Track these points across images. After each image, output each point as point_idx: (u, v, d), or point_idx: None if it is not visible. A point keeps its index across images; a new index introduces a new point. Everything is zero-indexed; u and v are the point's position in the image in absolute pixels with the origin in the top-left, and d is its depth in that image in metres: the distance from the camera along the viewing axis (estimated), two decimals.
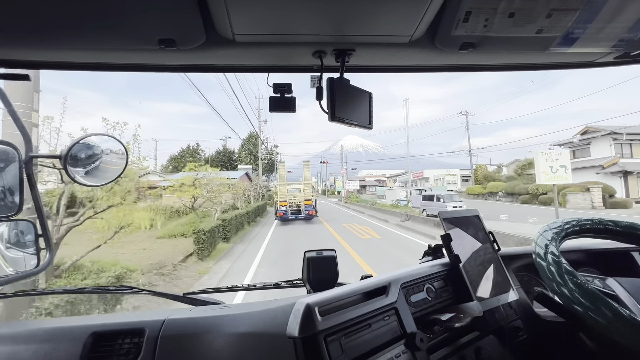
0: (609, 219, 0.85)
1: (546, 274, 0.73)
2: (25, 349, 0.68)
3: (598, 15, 0.61)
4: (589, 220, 0.84)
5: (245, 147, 40.05)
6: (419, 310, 0.76)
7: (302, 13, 0.60)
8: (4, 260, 0.82)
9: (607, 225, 0.83)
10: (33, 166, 0.74)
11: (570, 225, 0.82)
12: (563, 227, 0.81)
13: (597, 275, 0.82)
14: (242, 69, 0.87)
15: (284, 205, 15.16)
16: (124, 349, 0.68)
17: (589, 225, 0.83)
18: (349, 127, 0.82)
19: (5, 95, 0.72)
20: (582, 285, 0.66)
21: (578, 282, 0.67)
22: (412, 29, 0.65)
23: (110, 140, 0.86)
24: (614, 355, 0.73)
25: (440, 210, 0.91)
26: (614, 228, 0.83)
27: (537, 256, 0.77)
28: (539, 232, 0.81)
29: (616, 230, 0.83)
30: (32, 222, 0.85)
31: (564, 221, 0.83)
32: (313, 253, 1.03)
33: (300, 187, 16.13)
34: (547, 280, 0.73)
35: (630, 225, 0.83)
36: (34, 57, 0.75)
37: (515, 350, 0.84)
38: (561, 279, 0.69)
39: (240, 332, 0.67)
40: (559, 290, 0.69)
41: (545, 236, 0.79)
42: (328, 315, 0.61)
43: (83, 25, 0.60)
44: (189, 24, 0.62)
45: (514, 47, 0.73)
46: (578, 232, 0.83)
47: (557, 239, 0.78)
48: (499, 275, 0.86)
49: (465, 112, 34.21)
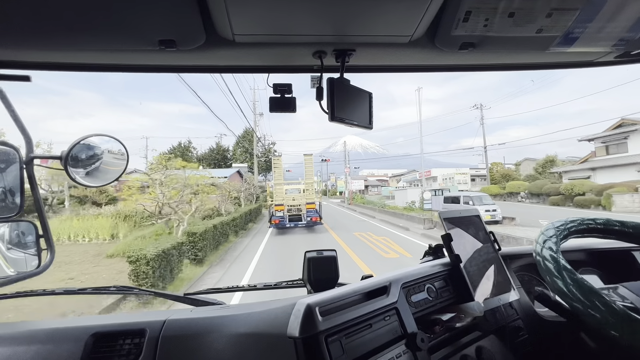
0: (616, 220, 0.85)
1: (544, 270, 0.73)
2: (26, 349, 0.68)
3: (598, 15, 0.61)
4: (592, 220, 0.84)
5: (240, 144, 36.49)
6: (420, 310, 0.76)
7: (302, 13, 0.60)
8: (5, 261, 0.82)
9: (613, 225, 0.83)
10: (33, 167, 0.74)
11: (574, 224, 0.82)
12: (566, 226, 0.81)
13: (609, 286, 0.80)
14: (242, 70, 0.87)
15: (281, 210, 12.28)
16: (125, 350, 0.69)
17: (592, 225, 0.83)
18: (348, 127, 0.82)
19: (6, 95, 0.72)
20: (579, 281, 0.67)
21: (575, 278, 0.67)
22: (412, 29, 0.65)
23: (110, 141, 0.86)
24: (615, 355, 0.73)
25: (440, 210, 0.91)
26: (621, 229, 0.83)
27: (537, 253, 0.77)
28: (541, 231, 0.82)
29: (624, 231, 0.83)
30: (33, 223, 0.85)
31: (567, 220, 0.83)
32: (313, 253, 1.03)
33: (301, 188, 13.47)
34: (545, 277, 0.73)
35: (638, 226, 0.82)
36: (35, 58, 0.75)
37: (517, 350, 0.84)
38: (558, 274, 0.70)
39: (241, 333, 0.67)
40: (556, 286, 0.69)
41: (546, 234, 0.79)
42: (329, 315, 0.61)
43: (84, 26, 0.61)
44: (189, 24, 0.62)
45: (514, 47, 0.73)
46: (581, 232, 0.83)
47: (558, 237, 0.78)
48: (499, 275, 0.86)
49: (479, 106, 31.60)
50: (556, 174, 25.04)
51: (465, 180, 36.02)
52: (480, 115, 30.85)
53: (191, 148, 37.43)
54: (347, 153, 36.83)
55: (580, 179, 20.76)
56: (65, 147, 0.75)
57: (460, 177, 36.08)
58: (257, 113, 26.43)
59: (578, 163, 24.36)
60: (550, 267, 0.71)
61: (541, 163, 29.47)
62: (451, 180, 35.37)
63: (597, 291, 0.64)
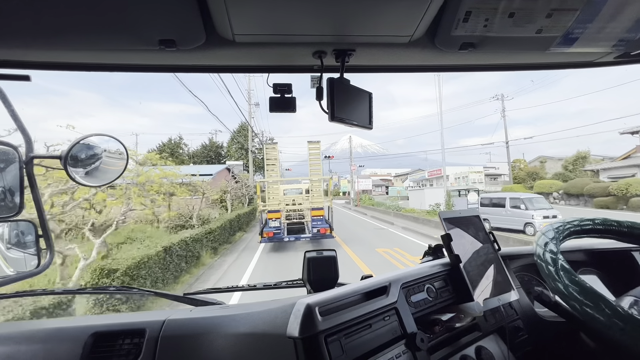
0: (613, 219, 0.85)
1: (544, 270, 0.73)
2: (26, 349, 0.68)
3: (598, 15, 0.61)
4: (591, 220, 0.84)
5: (235, 140, 32.74)
6: (420, 310, 0.76)
7: (302, 13, 0.60)
8: (4, 261, 0.82)
9: (611, 225, 0.84)
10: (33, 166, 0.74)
11: (573, 225, 0.83)
12: (565, 227, 0.82)
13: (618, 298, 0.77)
14: (242, 69, 0.87)
15: (276, 218, 8.77)
16: (125, 350, 0.69)
17: (590, 225, 0.84)
18: (349, 127, 0.82)
19: (6, 95, 0.72)
20: (578, 282, 0.67)
21: (574, 279, 0.68)
22: (412, 29, 0.65)
23: (110, 141, 0.86)
24: (614, 355, 0.73)
25: (440, 211, 0.91)
26: (617, 228, 0.83)
27: (536, 254, 0.77)
28: (540, 232, 0.82)
29: (621, 231, 0.83)
30: (32, 223, 0.85)
31: (566, 221, 0.84)
32: (313, 253, 1.04)
33: (303, 187, 10.51)
34: (544, 277, 0.73)
35: (634, 226, 0.83)
36: (34, 58, 0.75)
37: (516, 350, 0.84)
38: (557, 275, 0.70)
39: (240, 333, 0.67)
40: (555, 286, 0.70)
41: (547, 235, 0.79)
42: (328, 315, 0.61)
43: (83, 26, 0.60)
44: (189, 24, 0.61)
45: (514, 47, 0.73)
46: (580, 232, 0.84)
47: (558, 238, 0.78)
48: (499, 275, 0.86)
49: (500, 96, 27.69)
50: (590, 172, 22.84)
51: (480, 178, 32.56)
52: (502, 106, 27.26)
53: (182, 145, 34.25)
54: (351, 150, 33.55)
55: (625, 177, 17.84)
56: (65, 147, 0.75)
57: (475, 176, 32.53)
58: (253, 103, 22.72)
59: (619, 159, 21.31)
60: (550, 267, 0.72)
61: (571, 160, 26.76)
62: (465, 179, 31.74)
63: (601, 294, 0.64)
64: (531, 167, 31.56)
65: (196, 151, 34.65)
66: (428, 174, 39.95)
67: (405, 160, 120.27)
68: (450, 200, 15.56)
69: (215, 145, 35.42)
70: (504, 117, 27.13)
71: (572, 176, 23.49)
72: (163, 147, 31.94)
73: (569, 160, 27.21)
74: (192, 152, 34.18)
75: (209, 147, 35.05)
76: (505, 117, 27.13)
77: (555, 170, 27.96)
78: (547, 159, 32.43)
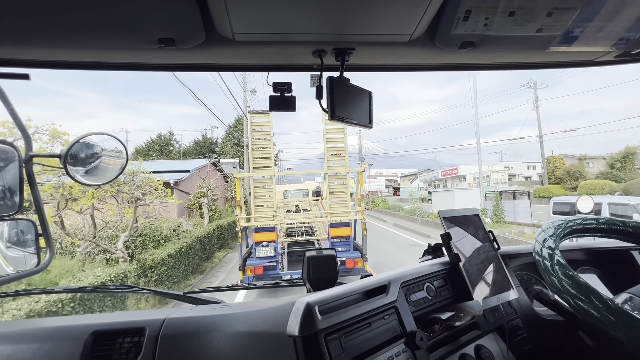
0: (618, 219, 0.86)
1: (540, 266, 0.74)
2: (26, 348, 0.68)
3: (598, 14, 0.61)
4: (595, 219, 0.85)
5: (231, 136, 27.95)
6: (419, 309, 0.76)
7: (302, 12, 0.60)
8: (4, 260, 0.82)
9: (616, 225, 0.84)
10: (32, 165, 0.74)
11: (575, 223, 0.83)
12: (566, 225, 0.82)
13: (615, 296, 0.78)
14: (242, 68, 0.87)
15: (270, 241, 4.71)
16: (125, 348, 0.69)
17: (594, 224, 0.84)
18: (350, 128, 0.82)
19: (5, 95, 0.72)
20: (572, 276, 0.67)
21: (568, 273, 0.68)
22: (412, 28, 0.65)
23: (110, 140, 0.86)
24: (613, 353, 0.73)
25: (440, 210, 0.90)
26: (623, 228, 0.83)
27: (535, 250, 0.78)
28: (541, 229, 0.82)
29: (626, 231, 0.83)
30: (32, 222, 0.85)
31: (567, 219, 0.84)
32: (313, 252, 1.04)
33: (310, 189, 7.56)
34: (541, 273, 0.74)
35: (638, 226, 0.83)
36: (34, 57, 0.75)
37: (515, 349, 0.84)
38: (552, 269, 0.71)
39: (240, 331, 0.67)
40: (549, 280, 0.70)
41: (546, 232, 0.80)
42: (328, 314, 0.61)
43: (82, 24, 0.60)
44: (189, 23, 0.61)
45: (514, 46, 0.73)
46: (582, 231, 0.84)
47: (558, 235, 0.78)
48: (498, 274, 0.86)
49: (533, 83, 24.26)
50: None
51: (503, 179, 28.69)
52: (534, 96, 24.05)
53: (173, 141, 30.65)
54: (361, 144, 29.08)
55: None
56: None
57: (498, 176, 28.09)
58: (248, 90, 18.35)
59: None
60: (546, 262, 0.72)
61: (618, 157, 23.77)
62: (486, 179, 25.14)
63: (594, 289, 0.65)
64: (573, 165, 28.10)
65: (188, 148, 30.28)
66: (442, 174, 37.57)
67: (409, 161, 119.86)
68: (498, 204, 12.06)
69: (209, 142, 31.01)
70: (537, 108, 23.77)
71: (622, 175, 21.18)
72: (151, 144, 29.29)
73: (616, 157, 23.92)
74: (183, 149, 30.86)
75: (202, 144, 30.93)
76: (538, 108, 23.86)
77: (599, 169, 24.70)
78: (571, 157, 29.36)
